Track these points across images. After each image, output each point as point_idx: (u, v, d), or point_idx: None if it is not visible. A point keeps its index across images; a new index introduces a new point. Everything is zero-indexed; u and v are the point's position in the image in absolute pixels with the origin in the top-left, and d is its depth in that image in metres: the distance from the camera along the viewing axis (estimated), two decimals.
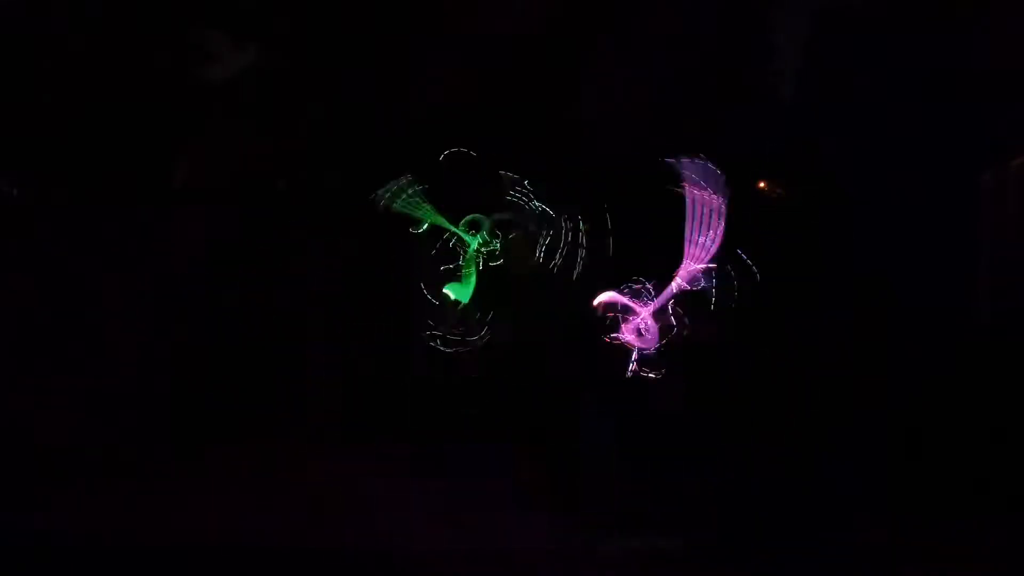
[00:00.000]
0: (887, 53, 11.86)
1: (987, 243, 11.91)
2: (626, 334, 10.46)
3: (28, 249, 11.39)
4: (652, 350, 10.48)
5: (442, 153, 11.12)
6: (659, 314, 10.43)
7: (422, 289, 11.17)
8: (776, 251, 11.81)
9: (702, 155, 10.14)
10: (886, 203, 11.76)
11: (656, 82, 11.88)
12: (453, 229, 10.95)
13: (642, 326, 10.43)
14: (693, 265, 10.15)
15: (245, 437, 10.93)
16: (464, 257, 10.98)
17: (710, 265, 10.20)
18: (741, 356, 11.43)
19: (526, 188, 10.96)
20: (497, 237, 11.02)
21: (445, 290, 10.96)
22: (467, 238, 10.99)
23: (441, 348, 11.15)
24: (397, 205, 10.85)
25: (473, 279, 10.96)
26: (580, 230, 10.94)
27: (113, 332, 11.34)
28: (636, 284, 10.51)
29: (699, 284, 10.27)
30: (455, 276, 11.02)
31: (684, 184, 10.01)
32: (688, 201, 10.15)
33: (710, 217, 10.09)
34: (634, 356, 10.52)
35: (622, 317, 10.45)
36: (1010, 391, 10.96)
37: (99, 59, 11.61)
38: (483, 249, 11.01)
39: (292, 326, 11.61)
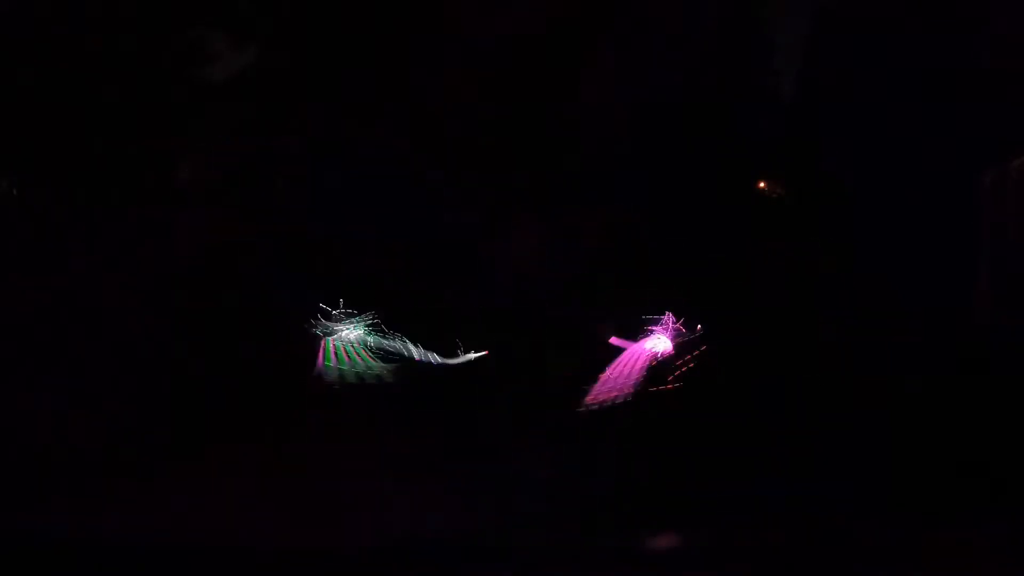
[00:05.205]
0: (887, 53, 11.89)
1: (987, 243, 11.92)
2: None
3: (27, 249, 11.38)
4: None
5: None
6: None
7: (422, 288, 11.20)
8: (776, 251, 11.83)
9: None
10: (887, 203, 11.78)
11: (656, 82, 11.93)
12: None
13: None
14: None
15: (245, 437, 10.93)
16: None
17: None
18: (742, 356, 11.44)
19: None
20: None
21: None
22: None
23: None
24: None
25: None
26: None
27: (112, 332, 11.34)
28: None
29: None
30: None
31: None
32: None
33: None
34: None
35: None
36: (1010, 390, 10.97)
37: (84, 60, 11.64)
38: None
39: (293, 326, 11.63)
